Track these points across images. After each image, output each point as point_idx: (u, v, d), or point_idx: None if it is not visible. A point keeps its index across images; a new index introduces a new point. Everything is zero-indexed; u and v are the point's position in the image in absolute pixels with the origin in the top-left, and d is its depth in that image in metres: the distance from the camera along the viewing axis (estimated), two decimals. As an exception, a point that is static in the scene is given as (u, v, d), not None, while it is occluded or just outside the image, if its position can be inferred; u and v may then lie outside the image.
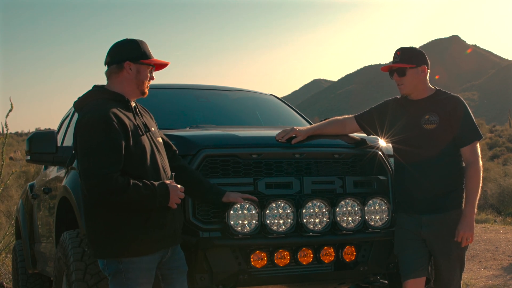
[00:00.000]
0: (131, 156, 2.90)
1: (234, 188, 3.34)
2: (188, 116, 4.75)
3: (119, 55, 3.07)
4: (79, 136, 2.89)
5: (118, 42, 3.14)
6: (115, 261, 2.92)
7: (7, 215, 11.97)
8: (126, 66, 3.04)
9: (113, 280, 2.95)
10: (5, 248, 8.37)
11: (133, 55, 3.06)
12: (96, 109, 2.90)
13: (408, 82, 3.58)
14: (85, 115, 2.90)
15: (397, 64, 3.58)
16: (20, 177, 17.22)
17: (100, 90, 3.06)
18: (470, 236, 3.45)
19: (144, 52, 3.09)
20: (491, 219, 13.02)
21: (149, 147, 3.00)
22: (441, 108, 3.54)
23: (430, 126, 3.53)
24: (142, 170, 2.93)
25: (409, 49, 3.62)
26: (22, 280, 6.15)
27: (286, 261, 3.43)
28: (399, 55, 3.61)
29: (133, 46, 3.08)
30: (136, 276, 2.92)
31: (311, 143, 3.65)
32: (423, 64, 3.59)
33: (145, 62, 3.07)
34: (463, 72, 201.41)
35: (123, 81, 3.06)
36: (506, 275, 7.05)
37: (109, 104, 2.94)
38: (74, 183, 3.80)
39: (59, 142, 5.51)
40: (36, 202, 5.74)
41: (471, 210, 3.47)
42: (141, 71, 3.07)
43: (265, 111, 5.34)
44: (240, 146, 3.47)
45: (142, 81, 3.08)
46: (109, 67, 3.09)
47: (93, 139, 2.83)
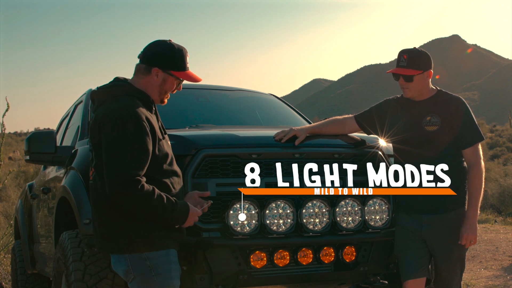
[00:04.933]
0: (156, 159, 2.81)
1: (234, 188, 3.32)
2: (188, 116, 4.74)
3: (151, 58, 2.94)
4: (108, 129, 2.74)
5: (157, 41, 3.00)
6: (141, 260, 2.79)
7: (5, 215, 11.96)
8: (154, 72, 2.93)
9: (141, 282, 2.80)
10: (4, 248, 8.36)
11: (165, 63, 2.92)
12: (127, 105, 2.79)
13: (414, 87, 3.56)
14: (115, 109, 2.77)
15: (404, 70, 3.53)
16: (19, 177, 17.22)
17: (127, 86, 2.93)
18: (473, 239, 3.46)
19: (178, 63, 2.94)
20: (492, 219, 13.01)
21: (169, 150, 2.95)
22: (442, 110, 3.53)
23: (432, 127, 3.51)
24: (164, 173, 2.86)
25: (417, 54, 3.56)
26: (21, 280, 6.14)
27: (286, 262, 3.42)
28: (406, 59, 3.54)
29: (168, 53, 2.93)
30: (166, 269, 2.82)
31: (311, 143, 3.64)
32: (429, 69, 3.57)
33: (175, 74, 2.95)
34: (464, 72, 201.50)
35: (147, 85, 2.95)
36: (507, 275, 7.04)
37: (138, 103, 2.84)
38: (73, 183, 3.79)
39: (58, 142, 5.51)
40: (35, 202, 5.72)
41: (474, 213, 3.47)
42: (167, 81, 2.95)
43: (265, 111, 5.33)
44: (239, 146, 3.46)
45: (165, 91, 2.98)
46: (139, 64, 2.97)
47: (124, 136, 2.71)
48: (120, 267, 2.87)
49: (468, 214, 3.47)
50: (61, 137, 5.65)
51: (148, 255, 2.80)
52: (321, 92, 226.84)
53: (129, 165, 2.68)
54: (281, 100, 5.66)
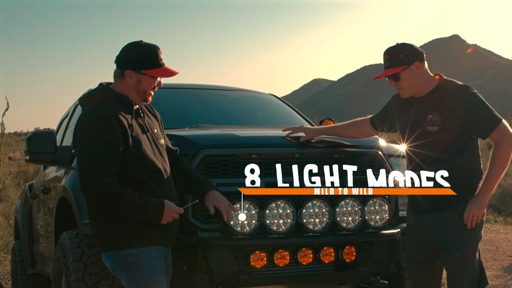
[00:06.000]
0: (132, 158, 2.88)
1: (234, 188, 3.33)
2: (188, 115, 4.73)
3: (122, 61, 3.00)
4: (78, 135, 2.89)
5: (127, 45, 3.04)
6: (123, 256, 2.88)
7: (5, 215, 11.97)
8: (127, 74, 2.98)
9: (125, 277, 2.91)
10: (4, 248, 8.37)
11: (135, 64, 2.97)
12: (96, 109, 2.89)
13: (405, 84, 3.36)
14: (86, 115, 2.90)
15: (389, 71, 3.37)
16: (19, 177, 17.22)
17: (105, 90, 3.02)
18: (478, 214, 3.25)
19: (148, 61, 2.97)
20: (492, 219, 13.01)
21: (150, 148, 2.98)
22: (444, 104, 3.31)
23: (433, 128, 3.33)
24: (143, 172, 2.91)
25: (396, 50, 3.36)
26: (21, 280, 6.15)
27: (286, 261, 3.42)
28: (387, 59, 3.37)
29: (138, 54, 2.97)
30: (148, 265, 2.89)
31: (311, 143, 3.64)
32: (415, 61, 3.33)
33: (147, 73, 2.98)
34: (464, 72, 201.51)
35: (125, 87, 3.00)
36: (507, 275, 7.04)
37: (111, 105, 2.91)
38: (73, 183, 3.79)
39: (58, 142, 5.50)
40: (35, 202, 5.72)
41: (487, 189, 3.25)
42: (142, 81, 2.98)
43: (265, 111, 5.33)
44: (239, 146, 3.46)
45: (143, 90, 3.00)
46: (115, 69, 3.04)
47: (91, 139, 2.83)
48: (108, 263, 2.98)
49: (481, 189, 3.27)
50: (61, 137, 5.65)
51: (129, 252, 2.88)
52: (321, 92, 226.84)
53: (96, 167, 2.78)
54: (281, 100, 5.66)
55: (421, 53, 3.39)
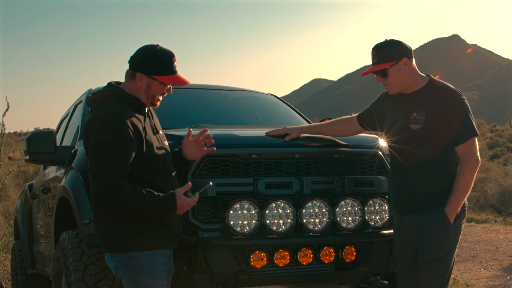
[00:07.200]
0: (145, 160, 2.89)
1: (234, 188, 3.33)
2: (188, 115, 4.73)
3: (135, 63, 2.99)
4: (92, 135, 2.87)
5: (143, 47, 3.04)
6: (128, 258, 2.89)
7: (5, 215, 11.96)
8: (138, 77, 2.98)
9: (127, 279, 2.92)
10: (4, 248, 8.37)
11: (147, 68, 2.96)
12: (111, 110, 2.87)
13: (393, 81, 3.32)
14: (101, 115, 2.87)
15: (376, 67, 3.33)
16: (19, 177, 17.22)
17: (116, 90, 3.00)
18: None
19: (161, 68, 2.96)
20: (492, 219, 13.01)
21: (160, 150, 2.99)
22: (430, 102, 3.26)
23: (416, 126, 3.28)
24: (154, 173, 2.92)
25: (385, 46, 3.32)
26: (21, 280, 6.15)
27: (286, 261, 3.42)
28: (375, 55, 3.31)
29: (151, 58, 2.96)
30: (151, 269, 2.90)
31: (311, 143, 3.64)
32: (403, 57, 3.29)
33: (158, 79, 2.98)
34: (464, 72, 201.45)
35: (135, 89, 3.00)
36: (507, 275, 7.04)
37: (125, 106, 2.91)
38: (73, 183, 3.79)
39: (58, 142, 5.51)
40: (35, 202, 5.72)
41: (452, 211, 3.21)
42: (152, 85, 2.98)
43: (265, 110, 5.33)
44: (239, 146, 3.46)
45: (152, 95, 3.01)
46: (128, 69, 3.04)
47: (105, 140, 2.81)
48: (111, 263, 2.98)
49: (447, 210, 3.21)
50: (61, 137, 5.65)
51: (135, 254, 2.89)
52: (321, 92, 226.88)
53: (110, 169, 2.77)
54: (281, 100, 5.66)
55: (409, 50, 3.36)
